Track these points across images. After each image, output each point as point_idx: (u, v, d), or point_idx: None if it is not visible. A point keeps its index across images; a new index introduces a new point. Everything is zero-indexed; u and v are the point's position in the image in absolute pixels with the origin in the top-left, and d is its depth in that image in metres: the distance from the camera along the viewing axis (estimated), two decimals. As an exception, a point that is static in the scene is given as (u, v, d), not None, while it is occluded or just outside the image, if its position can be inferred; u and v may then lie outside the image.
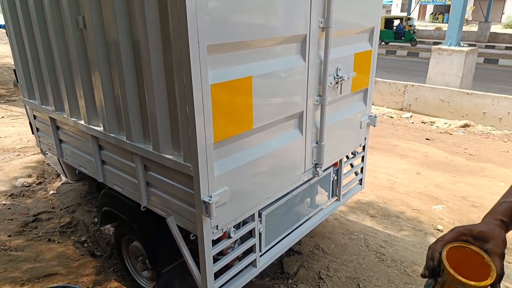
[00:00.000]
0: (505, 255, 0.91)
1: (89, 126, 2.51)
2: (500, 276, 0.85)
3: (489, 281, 0.83)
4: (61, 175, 4.23)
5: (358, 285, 2.85)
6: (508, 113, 6.94)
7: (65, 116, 2.76)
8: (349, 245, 3.35)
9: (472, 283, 0.81)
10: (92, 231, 3.62)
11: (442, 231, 3.76)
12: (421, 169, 5.29)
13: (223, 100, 1.80)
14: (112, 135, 2.32)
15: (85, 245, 3.46)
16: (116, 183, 2.54)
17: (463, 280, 0.82)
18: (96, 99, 2.40)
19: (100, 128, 2.44)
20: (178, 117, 1.85)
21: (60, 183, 4.62)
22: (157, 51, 1.85)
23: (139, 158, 2.19)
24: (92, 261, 3.18)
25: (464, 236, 0.91)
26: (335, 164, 2.98)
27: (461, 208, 4.18)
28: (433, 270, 0.88)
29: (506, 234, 0.93)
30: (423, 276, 0.92)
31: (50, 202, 4.22)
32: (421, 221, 3.92)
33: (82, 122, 2.59)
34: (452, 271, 0.83)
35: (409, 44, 19.50)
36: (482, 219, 0.97)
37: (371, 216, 4.00)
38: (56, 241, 3.48)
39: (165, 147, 1.98)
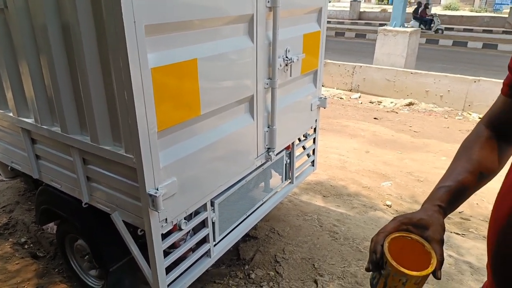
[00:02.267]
0: (446, 231, 0.91)
1: (19, 118, 2.27)
2: (440, 262, 0.85)
3: (430, 269, 0.83)
4: (-5, 172, 3.87)
5: (313, 265, 2.90)
6: (448, 90, 7.35)
7: (-9, 107, 2.48)
8: (303, 226, 3.39)
9: (414, 273, 0.81)
10: (33, 231, 3.36)
11: (390, 206, 3.92)
12: (370, 147, 5.47)
13: (166, 85, 1.68)
14: (45, 127, 2.11)
15: (26, 246, 3.20)
16: (53, 179, 2.34)
17: (405, 271, 0.81)
18: (25, 89, 2.16)
19: (32, 120, 2.21)
20: (116, 105, 1.71)
21: (-6, 181, 4.23)
22: (90, 34, 1.68)
23: (77, 151, 2.01)
24: (34, 263, 2.95)
25: (404, 225, 0.90)
26: (287, 147, 2.96)
27: (408, 183, 4.39)
28: (377, 263, 0.87)
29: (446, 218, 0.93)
30: (367, 270, 0.90)
31: (-16, 201, 3.85)
32: (371, 198, 4.06)
33: (11, 114, 2.34)
34: (394, 263, 0.82)
35: (356, 27, 19.89)
36: (422, 205, 0.97)
37: (324, 196, 4.08)
38: (-8, 244, 3.19)
39: (104, 138, 1.83)
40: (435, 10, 23.71)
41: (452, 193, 0.96)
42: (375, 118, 6.85)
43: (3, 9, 2.04)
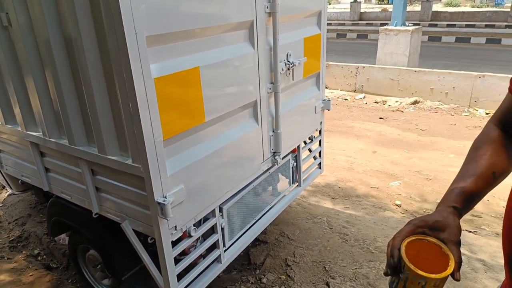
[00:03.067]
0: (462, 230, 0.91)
1: (27, 132, 2.31)
2: (458, 263, 0.84)
3: (449, 270, 0.83)
4: (6, 186, 3.93)
5: (324, 267, 2.89)
6: (453, 87, 7.31)
7: (0, 123, 2.53)
8: (313, 229, 3.38)
9: (433, 276, 0.81)
10: (46, 243, 3.40)
11: (400, 206, 3.90)
12: (376, 147, 5.45)
13: (169, 94, 1.70)
14: (53, 140, 2.15)
15: (39, 258, 3.24)
16: (63, 190, 2.37)
17: (424, 274, 0.81)
18: (32, 103, 2.20)
19: (40, 134, 2.25)
20: (122, 116, 1.73)
21: (6, 195, 4.29)
22: (92, 47, 1.71)
23: (85, 162, 2.04)
24: (47, 274, 2.98)
25: (420, 228, 0.90)
26: (293, 151, 2.97)
27: (416, 182, 4.36)
28: (395, 268, 0.87)
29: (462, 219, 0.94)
30: (386, 274, 0.90)
31: (-4, 216, 3.91)
32: (380, 198, 4.04)
33: (19, 128, 2.39)
34: (412, 267, 0.82)
35: (357, 27, 19.91)
36: (436, 207, 0.97)
37: (332, 198, 4.07)
38: (5, 258, 3.24)
39: (111, 148, 1.86)
40: (436, 7, 23.64)
41: (466, 194, 0.96)
42: (380, 118, 6.83)
43: (7, 27, 2.09)
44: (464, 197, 0.96)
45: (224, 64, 2.00)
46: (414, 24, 9.50)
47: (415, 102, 7.48)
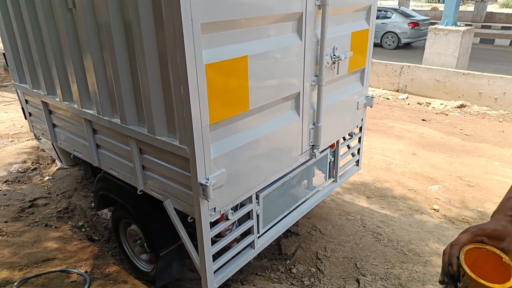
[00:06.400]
0: None
1: (82, 109, 2.47)
2: None
3: None
4: (56, 160, 4.20)
5: (355, 264, 2.88)
6: (504, 93, 6.93)
7: (58, 100, 2.71)
8: (346, 225, 3.37)
9: (496, 285, 0.79)
10: (89, 216, 3.61)
11: (438, 211, 3.79)
12: (417, 149, 5.30)
13: (218, 81, 1.77)
14: (106, 118, 2.28)
15: (83, 229, 3.46)
16: (111, 167, 2.52)
17: (487, 283, 0.79)
18: (89, 82, 2.35)
19: (94, 112, 2.40)
20: (172, 98, 1.82)
21: (55, 169, 4.59)
22: (150, 31, 1.80)
23: (134, 141, 2.16)
24: (90, 245, 3.18)
25: (478, 236, 0.88)
26: (332, 146, 2.97)
27: (457, 187, 4.21)
28: (452, 276, 0.86)
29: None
30: (441, 282, 0.89)
31: (46, 187, 4.19)
32: (417, 201, 3.95)
33: (75, 105, 2.55)
34: (474, 276, 0.80)
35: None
36: (492, 216, 0.94)
37: (368, 197, 4.02)
38: (53, 226, 3.48)
39: (160, 129, 1.95)
40: (491, 8, 22.36)
41: None
42: (423, 120, 6.61)
43: (71, 9, 2.23)
44: None
45: (271, 54, 2.04)
46: (466, 25, 9.06)
47: (461, 106, 7.17)
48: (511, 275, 0.81)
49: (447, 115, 6.92)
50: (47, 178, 4.40)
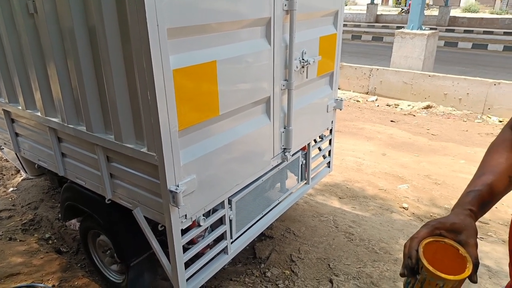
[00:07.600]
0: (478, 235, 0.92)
1: (47, 118, 2.38)
2: (476, 265, 0.85)
3: (467, 272, 0.83)
4: (21, 170, 4.03)
5: (329, 265, 2.92)
6: (468, 93, 7.24)
7: (20, 108, 2.61)
8: (319, 227, 3.41)
9: (451, 277, 0.81)
10: (57, 228, 3.48)
11: (407, 209, 3.90)
12: (386, 150, 5.44)
13: (186, 86, 1.75)
14: (71, 126, 2.21)
15: (50, 242, 3.33)
16: (78, 176, 2.44)
17: (442, 275, 0.81)
18: (53, 90, 2.27)
19: (59, 120, 2.32)
20: (139, 105, 1.78)
21: (20, 179, 4.40)
22: (115, 37, 1.76)
23: (101, 149, 2.10)
24: (57, 258, 3.07)
25: (437, 230, 0.91)
26: (303, 148, 3.00)
27: (425, 186, 4.35)
28: (412, 269, 0.88)
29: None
30: (402, 275, 0.91)
31: (11, 199, 4.02)
32: (387, 200, 4.05)
33: (39, 114, 2.46)
34: (431, 268, 0.82)
35: (373, 29, 19.76)
36: (452, 210, 0.98)
37: (340, 197, 4.09)
38: (18, 240, 3.33)
39: (127, 136, 1.91)
40: (454, 12, 23.33)
41: (482, 197, 0.97)
42: (391, 121, 6.81)
43: (33, 14, 2.15)
44: (480, 200, 0.97)
45: (240, 59, 2.04)
46: (431, 29, 9.42)
47: (428, 107, 7.43)
48: (466, 267, 0.84)
49: (414, 116, 7.15)
50: (11, 189, 4.22)
